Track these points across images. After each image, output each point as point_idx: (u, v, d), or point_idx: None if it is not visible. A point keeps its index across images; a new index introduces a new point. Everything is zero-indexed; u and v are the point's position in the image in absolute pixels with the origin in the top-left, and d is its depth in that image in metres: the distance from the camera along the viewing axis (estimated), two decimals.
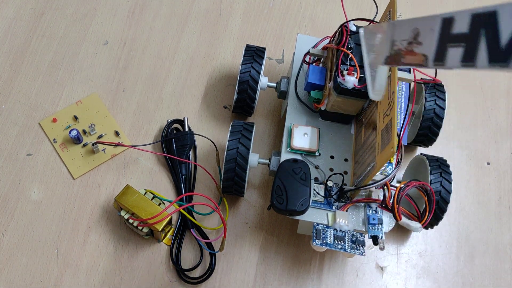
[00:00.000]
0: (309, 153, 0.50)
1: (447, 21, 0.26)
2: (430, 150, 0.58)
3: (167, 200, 0.52)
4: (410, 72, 0.45)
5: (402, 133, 0.44)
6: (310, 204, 0.46)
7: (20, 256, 0.50)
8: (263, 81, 0.55)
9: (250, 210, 0.55)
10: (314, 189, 0.48)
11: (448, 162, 0.51)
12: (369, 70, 0.35)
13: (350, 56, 0.46)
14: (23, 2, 0.64)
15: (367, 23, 0.48)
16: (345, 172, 0.50)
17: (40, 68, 0.60)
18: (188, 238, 0.52)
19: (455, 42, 0.25)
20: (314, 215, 0.47)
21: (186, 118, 0.57)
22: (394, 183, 0.48)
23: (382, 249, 0.46)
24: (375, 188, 0.47)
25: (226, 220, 0.54)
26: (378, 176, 0.46)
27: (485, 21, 0.23)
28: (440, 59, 0.27)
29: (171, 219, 0.50)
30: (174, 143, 0.55)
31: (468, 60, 0.24)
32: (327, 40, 0.53)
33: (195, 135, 0.57)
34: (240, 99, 0.55)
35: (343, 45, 0.47)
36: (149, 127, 0.58)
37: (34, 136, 0.56)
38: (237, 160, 0.48)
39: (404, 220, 0.46)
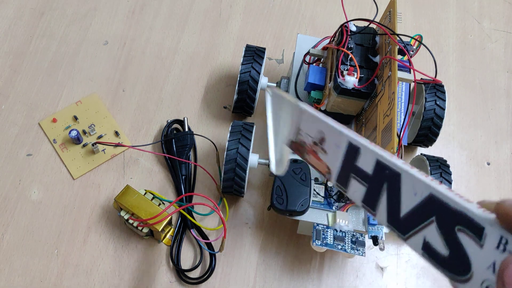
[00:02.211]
0: None
1: (353, 149, 0.21)
2: (430, 150, 0.58)
3: (167, 200, 0.52)
4: (410, 72, 0.45)
5: (402, 133, 0.44)
6: (310, 204, 0.46)
7: (20, 256, 0.50)
8: (263, 81, 0.55)
9: (250, 210, 0.55)
10: (314, 190, 0.48)
11: (448, 162, 0.51)
12: (273, 140, 0.29)
13: (350, 56, 0.46)
14: (23, 2, 0.64)
15: (367, 23, 0.48)
16: None
17: (40, 68, 0.60)
18: (188, 238, 0.52)
19: (358, 176, 0.21)
20: (314, 216, 0.47)
21: (186, 118, 0.57)
22: None
23: (382, 249, 0.46)
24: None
25: (226, 220, 0.54)
26: None
27: (389, 177, 0.19)
28: (343, 183, 0.22)
29: (171, 219, 0.50)
30: (174, 143, 0.55)
31: (369, 204, 0.20)
32: (327, 40, 0.53)
33: (195, 135, 0.57)
34: (240, 99, 0.55)
35: (343, 45, 0.47)
36: (149, 127, 0.58)
37: (34, 136, 0.56)
38: (237, 160, 0.48)
39: None
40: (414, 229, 0.18)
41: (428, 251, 0.18)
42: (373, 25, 0.48)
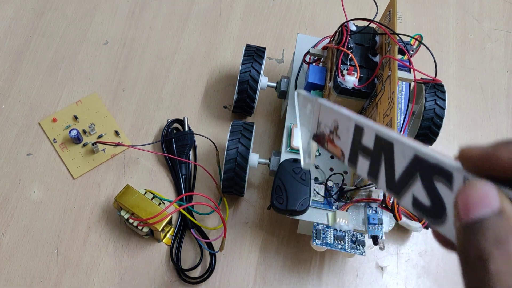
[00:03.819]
0: None
1: (358, 129, 0.24)
2: None
3: (167, 200, 0.52)
4: (410, 72, 0.45)
5: (402, 132, 0.44)
6: (310, 204, 0.46)
7: (20, 256, 0.50)
8: (263, 81, 0.55)
9: (250, 210, 0.55)
10: (314, 189, 0.48)
11: None
12: (302, 138, 0.33)
13: (350, 56, 0.46)
14: (23, 2, 0.64)
15: (367, 22, 0.48)
16: (345, 172, 0.50)
17: (40, 68, 0.60)
18: (188, 238, 0.52)
19: (364, 152, 0.24)
20: (314, 215, 0.47)
21: (186, 118, 0.57)
22: None
23: (382, 249, 0.46)
24: (375, 187, 0.47)
25: (226, 220, 0.54)
26: None
27: (385, 147, 0.22)
28: (353, 162, 0.25)
29: (171, 219, 0.50)
30: (174, 143, 0.55)
31: (373, 175, 0.23)
32: (327, 40, 0.53)
33: (195, 135, 0.57)
34: (240, 99, 0.55)
35: (343, 45, 0.47)
36: (149, 127, 0.58)
37: (34, 136, 0.56)
38: (237, 160, 0.48)
39: (404, 220, 0.46)
40: (405, 187, 0.21)
41: (417, 206, 0.20)
42: (373, 25, 0.48)
